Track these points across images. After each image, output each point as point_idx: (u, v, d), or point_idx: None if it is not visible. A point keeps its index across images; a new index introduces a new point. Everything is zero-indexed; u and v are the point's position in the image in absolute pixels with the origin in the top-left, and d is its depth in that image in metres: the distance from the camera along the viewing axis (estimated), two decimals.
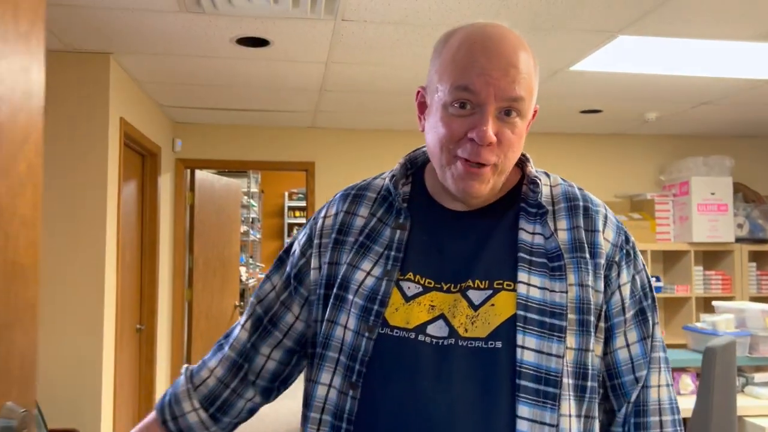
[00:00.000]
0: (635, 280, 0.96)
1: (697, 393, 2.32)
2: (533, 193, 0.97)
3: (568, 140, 5.26)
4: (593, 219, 0.95)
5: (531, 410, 0.84)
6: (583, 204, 0.97)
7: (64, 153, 3.18)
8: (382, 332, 0.90)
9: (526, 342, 0.86)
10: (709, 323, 3.29)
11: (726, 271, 4.97)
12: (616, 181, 5.29)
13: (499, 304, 0.89)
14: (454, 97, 0.89)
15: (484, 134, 0.87)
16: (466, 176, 0.90)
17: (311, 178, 5.00)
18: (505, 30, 0.93)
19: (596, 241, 0.93)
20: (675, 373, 3.21)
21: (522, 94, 0.90)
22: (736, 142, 5.34)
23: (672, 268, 5.10)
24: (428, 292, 0.91)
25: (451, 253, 0.94)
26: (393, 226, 0.97)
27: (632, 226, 4.93)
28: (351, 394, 0.89)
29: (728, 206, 4.86)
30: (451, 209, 0.97)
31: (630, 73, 3.52)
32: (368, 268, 0.94)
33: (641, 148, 5.33)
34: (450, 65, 0.90)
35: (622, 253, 0.95)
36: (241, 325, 1.05)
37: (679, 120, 4.72)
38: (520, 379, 0.85)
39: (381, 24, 2.80)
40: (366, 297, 0.92)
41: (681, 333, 4.82)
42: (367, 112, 4.42)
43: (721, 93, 3.93)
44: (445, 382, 0.85)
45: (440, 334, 0.88)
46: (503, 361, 0.86)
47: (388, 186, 1.01)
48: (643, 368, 0.95)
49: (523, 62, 0.90)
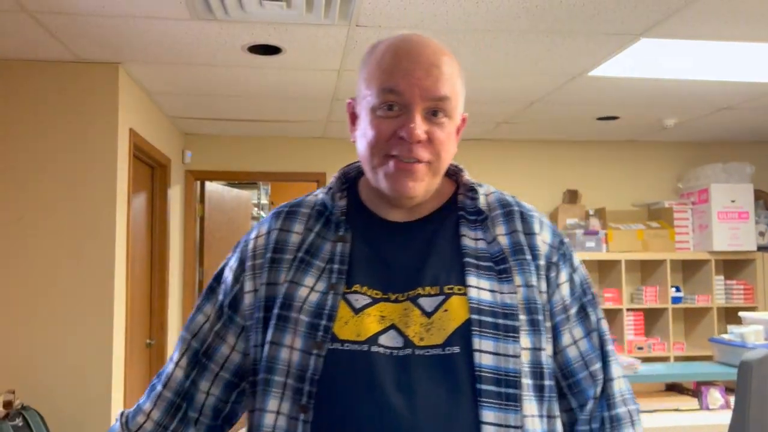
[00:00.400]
0: (573, 279, 0.98)
1: (733, 408, 2.21)
2: (471, 200, 0.99)
3: (583, 147, 5.16)
4: (529, 223, 0.98)
5: (495, 414, 0.84)
6: (518, 209, 1.00)
7: (73, 164, 3.12)
8: (331, 347, 0.87)
9: (482, 345, 0.86)
10: (737, 335, 3.17)
11: (748, 281, 4.85)
12: (632, 190, 5.18)
13: (452, 310, 0.89)
14: (381, 100, 0.91)
15: (412, 131, 0.89)
16: (399, 174, 0.91)
17: None
18: (428, 38, 0.96)
19: (534, 243, 0.96)
20: (702, 387, 3.09)
21: (446, 93, 0.92)
22: (756, 148, 5.23)
23: (692, 277, 4.98)
24: (377, 303, 0.91)
25: (396, 263, 0.94)
26: (333, 239, 0.96)
27: (650, 236, 4.82)
28: (302, 417, 0.85)
29: (749, 214, 4.75)
30: (390, 220, 0.98)
31: (649, 78, 3.43)
32: (311, 284, 0.92)
33: (658, 155, 5.23)
34: (376, 71, 0.93)
35: (559, 253, 0.97)
36: (175, 362, 1.00)
37: (698, 126, 4.62)
38: (481, 383, 0.85)
39: (396, 29, 2.73)
40: (312, 313, 0.90)
41: (704, 345, 4.70)
42: None
43: (742, 97, 3.84)
44: (406, 393, 0.84)
45: (394, 344, 0.87)
46: (462, 366, 0.85)
47: (323, 201, 1.00)
48: (595, 362, 0.96)
49: (446, 64, 0.93)
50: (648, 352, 4.64)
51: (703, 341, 4.77)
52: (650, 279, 4.92)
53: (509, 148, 5.12)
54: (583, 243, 4.74)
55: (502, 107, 4.05)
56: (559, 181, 5.14)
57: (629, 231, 4.83)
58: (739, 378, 2.18)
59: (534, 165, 5.13)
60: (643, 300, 4.79)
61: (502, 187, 4.33)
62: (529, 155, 5.13)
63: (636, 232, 4.83)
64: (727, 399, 3.06)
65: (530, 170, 5.12)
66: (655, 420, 2.86)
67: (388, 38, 0.97)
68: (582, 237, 4.75)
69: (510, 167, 5.11)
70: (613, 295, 4.74)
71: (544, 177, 5.13)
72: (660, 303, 4.77)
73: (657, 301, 4.78)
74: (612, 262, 4.82)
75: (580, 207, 5.02)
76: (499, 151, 5.11)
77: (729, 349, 3.17)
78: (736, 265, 4.92)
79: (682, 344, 4.82)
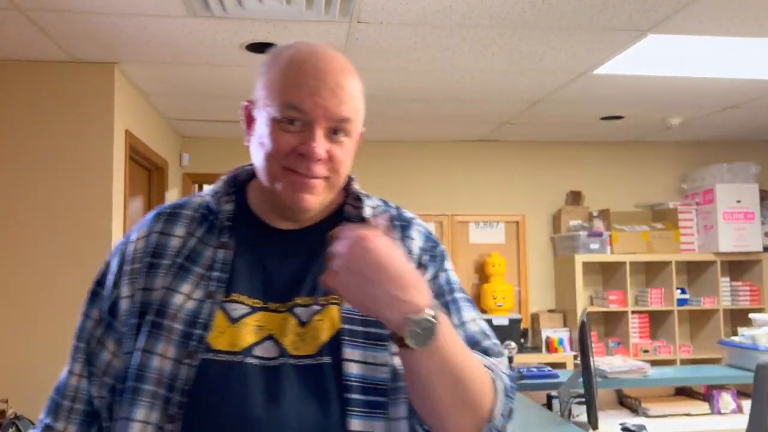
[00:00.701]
0: (438, 276, 1.00)
1: (750, 413, 2.14)
2: (357, 209, 0.99)
3: (586, 148, 5.10)
4: (407, 231, 1.01)
5: (362, 422, 0.85)
6: (401, 222, 1.02)
7: (68, 166, 3.04)
8: (204, 357, 0.86)
9: (351, 354, 0.87)
10: (747, 337, 3.11)
11: (754, 282, 4.79)
12: (636, 191, 5.12)
13: (326, 319, 0.89)
14: (283, 114, 0.90)
15: (313, 150, 0.89)
16: (297, 188, 0.91)
17: None
18: (333, 51, 0.95)
19: (409, 248, 0.98)
20: (714, 391, 3.02)
21: (349, 116, 0.92)
22: (761, 148, 5.17)
23: (697, 279, 4.91)
24: (255, 312, 0.90)
25: (278, 272, 0.93)
26: (215, 245, 0.94)
27: (655, 237, 4.76)
28: (170, 428, 0.85)
29: (755, 214, 4.69)
30: (277, 228, 0.97)
31: (655, 76, 3.37)
32: (188, 291, 0.91)
33: (662, 156, 5.17)
34: (279, 82, 0.92)
35: (428, 255, 1.00)
36: (75, 373, 0.98)
37: (703, 125, 4.56)
38: (349, 392, 0.86)
39: (398, 26, 2.66)
40: (186, 321, 0.89)
41: (711, 347, 4.63)
42: (381, 121, 4.28)
43: (749, 95, 3.78)
44: (277, 404, 0.84)
45: (269, 354, 0.87)
46: (331, 375, 0.86)
47: (208, 204, 0.98)
48: None
49: (350, 84, 0.93)
50: (654, 355, 4.57)
51: (709, 343, 4.70)
52: (655, 281, 4.86)
53: (512, 149, 5.06)
54: (587, 245, 4.68)
55: (505, 107, 3.99)
56: (562, 182, 5.07)
57: (633, 232, 4.77)
58: (756, 382, 2.11)
59: (537, 166, 5.07)
60: (648, 302, 4.72)
61: (503, 188, 4.27)
62: (531, 156, 5.07)
63: (640, 234, 4.76)
64: (739, 403, 2.99)
65: (533, 172, 5.06)
66: (666, 425, 2.79)
67: (291, 46, 0.95)
68: (586, 239, 4.68)
69: (512, 169, 5.05)
70: (617, 297, 4.68)
71: (547, 178, 5.06)
72: (665, 305, 4.70)
73: (662, 304, 4.71)
74: (616, 264, 4.75)
75: (583, 208, 4.96)
76: (502, 152, 5.05)
77: (740, 351, 3.10)
78: (741, 266, 4.86)
79: (688, 347, 4.75)
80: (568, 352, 4.59)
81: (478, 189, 5.02)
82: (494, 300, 4.68)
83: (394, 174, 4.93)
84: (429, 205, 4.92)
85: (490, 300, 4.69)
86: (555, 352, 4.58)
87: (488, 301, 4.69)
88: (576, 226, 4.83)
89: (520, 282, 4.94)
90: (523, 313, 4.82)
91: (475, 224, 4.98)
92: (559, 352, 4.58)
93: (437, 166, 5.00)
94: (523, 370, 2.88)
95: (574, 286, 4.65)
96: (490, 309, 4.68)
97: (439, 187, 4.98)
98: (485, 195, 5.01)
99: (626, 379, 2.88)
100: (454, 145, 5.01)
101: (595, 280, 4.95)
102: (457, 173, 5.01)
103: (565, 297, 4.84)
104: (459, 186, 5.00)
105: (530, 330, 4.84)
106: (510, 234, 5.00)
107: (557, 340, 4.63)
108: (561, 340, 4.64)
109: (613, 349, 4.63)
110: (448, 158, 5.01)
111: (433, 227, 4.91)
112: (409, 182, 4.95)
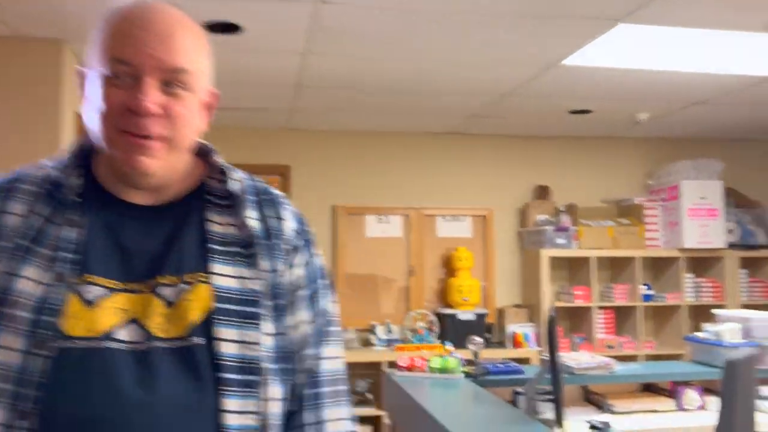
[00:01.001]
0: (310, 263, 0.98)
1: (720, 410, 2.09)
2: (221, 183, 0.95)
3: (554, 143, 5.07)
4: (278, 209, 0.97)
5: (237, 401, 0.84)
6: (269, 196, 0.98)
7: (11, 152, 2.86)
8: (61, 347, 0.81)
9: (226, 334, 0.86)
10: (712, 333, 3.09)
11: (717, 278, 4.82)
12: (603, 186, 5.11)
13: (195, 299, 0.86)
14: (111, 70, 0.85)
15: (140, 103, 0.83)
16: (133, 150, 0.85)
17: (287, 183, 4.73)
18: (170, 8, 0.90)
19: (281, 228, 0.95)
20: (679, 387, 3.00)
21: (185, 66, 0.87)
22: (725, 146, 5.21)
23: (662, 275, 4.93)
24: (114, 294, 0.85)
25: (138, 251, 0.88)
26: (63, 223, 0.87)
27: (620, 232, 4.75)
28: (25, 425, 0.78)
29: (719, 211, 4.71)
30: (133, 203, 0.91)
31: (624, 69, 3.33)
32: (34, 275, 0.84)
33: (629, 152, 5.17)
34: (107, 39, 0.87)
35: (301, 239, 0.98)
36: None
37: (670, 122, 4.56)
38: (224, 372, 0.84)
39: (368, 8, 2.55)
40: (33, 308, 0.82)
41: (674, 343, 4.65)
42: (346, 110, 4.17)
43: (717, 91, 3.77)
44: (148, 389, 0.81)
45: (135, 338, 0.83)
46: (205, 356, 0.84)
47: (55, 178, 0.90)
48: (314, 344, 0.97)
49: (185, 36, 0.88)
50: (618, 351, 4.56)
51: (672, 339, 4.72)
52: (620, 277, 4.85)
53: (480, 143, 5.00)
54: (553, 239, 4.64)
55: (474, 98, 3.91)
56: (529, 176, 5.04)
57: (599, 228, 4.76)
58: (725, 378, 2.07)
59: (505, 160, 5.02)
60: (613, 298, 4.71)
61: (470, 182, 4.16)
62: (500, 150, 5.02)
63: (606, 229, 4.75)
64: (704, 400, 2.97)
65: (501, 166, 5.02)
66: (633, 422, 2.75)
67: (126, 4, 0.90)
68: (552, 234, 4.65)
69: (481, 162, 4.99)
70: (583, 292, 4.66)
71: (515, 173, 5.02)
72: (630, 301, 4.70)
73: (627, 299, 4.71)
74: (582, 259, 4.74)
75: (550, 203, 4.93)
76: (470, 145, 4.98)
77: (705, 347, 3.09)
78: (705, 263, 4.89)
79: (652, 343, 4.76)
80: (534, 348, 4.56)
81: (446, 182, 4.94)
82: (460, 294, 4.61)
83: (360, 166, 4.83)
84: (395, 198, 4.83)
85: (456, 295, 4.62)
86: (520, 347, 4.54)
87: (454, 295, 4.63)
88: (543, 221, 4.80)
89: (487, 277, 4.89)
90: (489, 308, 4.77)
91: (443, 218, 4.91)
92: (524, 347, 4.54)
93: (405, 159, 4.91)
94: (489, 366, 2.81)
95: (540, 282, 4.62)
96: (456, 304, 4.61)
97: (406, 179, 4.90)
98: (453, 188, 4.95)
99: (593, 376, 2.84)
100: (422, 138, 4.92)
101: (562, 276, 4.93)
102: (424, 166, 4.93)
103: (531, 292, 4.80)
104: (427, 179, 4.93)
105: (496, 325, 4.79)
106: (477, 228, 4.94)
107: (523, 335, 4.59)
108: (526, 336, 4.60)
109: (578, 344, 4.61)
110: (416, 150, 4.93)
111: (400, 221, 4.82)
112: (376, 174, 4.85)
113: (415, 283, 4.79)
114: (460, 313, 4.57)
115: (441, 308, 4.68)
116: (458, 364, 2.68)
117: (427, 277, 4.82)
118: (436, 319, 4.55)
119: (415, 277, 4.80)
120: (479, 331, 4.43)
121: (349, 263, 4.73)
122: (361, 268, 4.75)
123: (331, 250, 4.73)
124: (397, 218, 4.83)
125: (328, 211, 4.76)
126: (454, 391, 2.45)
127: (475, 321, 4.56)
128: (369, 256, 4.77)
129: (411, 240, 4.81)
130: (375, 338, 4.52)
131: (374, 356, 4.37)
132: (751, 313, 3.22)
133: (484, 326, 4.57)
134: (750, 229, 4.90)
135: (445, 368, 2.66)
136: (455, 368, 2.66)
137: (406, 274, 4.80)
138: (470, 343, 2.86)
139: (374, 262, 4.77)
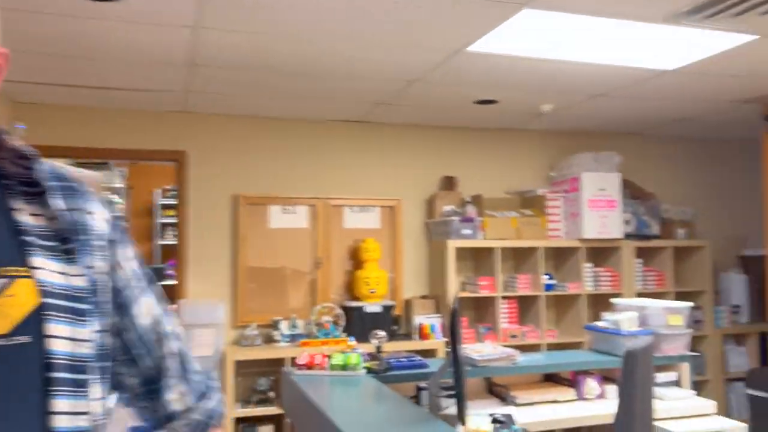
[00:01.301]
0: (136, 255, 0.98)
1: (619, 398, 2.09)
2: (25, 169, 0.87)
3: (461, 134, 5.06)
4: (88, 199, 0.92)
5: (68, 402, 0.81)
6: (75, 184, 0.93)
7: None
8: None
9: (56, 331, 0.81)
10: (611, 322, 3.14)
11: (614, 268, 4.97)
12: (508, 177, 5.16)
13: (19, 294, 0.80)
14: None
15: None
16: None
17: (182, 170, 4.45)
18: None
19: (95, 222, 0.91)
20: (579, 376, 3.02)
21: None
22: (623, 139, 5.39)
23: (563, 265, 5.03)
24: None
25: None
26: None
27: (524, 223, 4.80)
28: None
29: (617, 202, 4.86)
30: None
31: (529, 58, 3.32)
32: None
33: (533, 144, 5.24)
34: None
35: (116, 230, 0.95)
36: None
37: (572, 115, 4.64)
38: (55, 371, 0.80)
39: None
40: None
41: (575, 331, 4.76)
42: (239, 92, 3.95)
43: (616, 84, 3.85)
44: None
45: None
46: (34, 355, 0.79)
47: None
48: (162, 333, 0.99)
49: None
50: (522, 340, 4.62)
51: (573, 328, 4.83)
52: (524, 267, 4.91)
53: (387, 132, 4.90)
54: (459, 230, 4.62)
55: (380, 84, 3.80)
56: (436, 167, 5.00)
57: (503, 219, 4.79)
58: (625, 368, 2.06)
59: (412, 150, 4.96)
60: (516, 288, 4.76)
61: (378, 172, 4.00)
62: (407, 140, 4.95)
63: (510, 220, 4.79)
64: (603, 388, 3.01)
65: (408, 156, 4.95)
66: (534, 412, 2.74)
67: None
68: (458, 224, 4.63)
69: (388, 152, 4.90)
70: (488, 283, 4.67)
71: (422, 163, 4.97)
72: (533, 290, 4.76)
73: (530, 289, 4.77)
74: (487, 250, 4.75)
75: (456, 194, 4.91)
76: (377, 134, 4.88)
77: (604, 336, 3.13)
78: (603, 253, 5.03)
79: (554, 332, 4.85)
80: (440, 339, 4.52)
81: (354, 172, 4.82)
82: (368, 287, 4.51)
83: (263, 153, 4.62)
84: (301, 188, 4.66)
85: (363, 287, 4.51)
86: (427, 339, 4.50)
87: (361, 287, 4.52)
88: (449, 211, 4.77)
89: (395, 268, 4.81)
90: (396, 299, 4.70)
91: (350, 208, 4.78)
92: (431, 339, 4.50)
93: (311, 147, 4.74)
94: (392, 361, 2.71)
95: (447, 272, 4.59)
96: (363, 296, 4.51)
97: (312, 168, 4.73)
98: (361, 178, 4.83)
99: (495, 368, 2.80)
100: (329, 125, 4.77)
101: (467, 266, 4.93)
102: (331, 155, 4.78)
103: (437, 283, 4.77)
104: (334, 168, 4.78)
105: (403, 317, 4.72)
106: (385, 219, 4.85)
107: (429, 326, 4.55)
108: (433, 327, 4.56)
109: (484, 334, 4.62)
110: (323, 139, 4.77)
111: (306, 211, 4.65)
112: (280, 162, 4.65)
113: (321, 275, 4.64)
114: (367, 306, 4.46)
115: (348, 301, 4.56)
116: (360, 360, 2.57)
117: (334, 269, 4.69)
118: (343, 313, 4.43)
119: (321, 269, 4.65)
120: (386, 323, 4.35)
121: (252, 256, 4.52)
122: (265, 261, 4.55)
123: (231, 242, 4.50)
124: (303, 208, 4.66)
125: (229, 201, 4.52)
126: (354, 389, 2.33)
127: (382, 313, 4.48)
128: (273, 249, 4.57)
129: (317, 231, 4.65)
130: (278, 334, 4.33)
131: (277, 353, 4.19)
132: (647, 301, 3.30)
133: (391, 318, 4.49)
134: (644, 220, 5.09)
135: (346, 365, 2.53)
136: (357, 364, 2.54)
137: (312, 266, 4.65)
138: (373, 338, 2.75)
139: (279, 255, 4.58)
